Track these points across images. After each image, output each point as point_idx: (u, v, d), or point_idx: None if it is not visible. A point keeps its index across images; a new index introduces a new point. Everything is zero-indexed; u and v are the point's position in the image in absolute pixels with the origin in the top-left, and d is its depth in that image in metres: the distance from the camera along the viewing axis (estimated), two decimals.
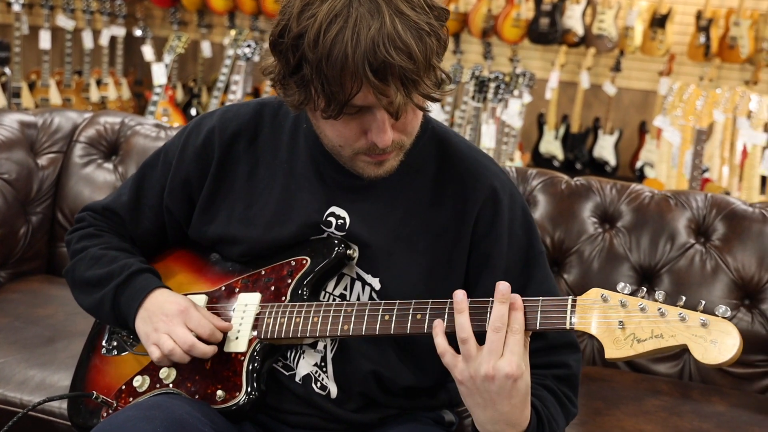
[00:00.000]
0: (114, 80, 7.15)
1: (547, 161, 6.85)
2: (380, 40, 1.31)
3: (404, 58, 1.32)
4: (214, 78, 7.41)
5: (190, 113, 6.60)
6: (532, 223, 1.62)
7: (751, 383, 2.26)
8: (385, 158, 1.48)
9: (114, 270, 1.66)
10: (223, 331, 1.56)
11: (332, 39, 1.32)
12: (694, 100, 4.66)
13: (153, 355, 1.55)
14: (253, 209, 1.63)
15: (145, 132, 2.71)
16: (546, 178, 2.47)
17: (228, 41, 5.99)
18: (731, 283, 2.30)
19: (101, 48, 7.05)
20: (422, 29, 1.34)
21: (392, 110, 1.37)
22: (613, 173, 6.80)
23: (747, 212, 2.36)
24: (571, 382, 1.58)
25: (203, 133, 1.67)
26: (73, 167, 2.67)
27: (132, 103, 7.32)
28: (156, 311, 1.58)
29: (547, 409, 1.47)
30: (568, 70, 7.03)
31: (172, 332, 1.54)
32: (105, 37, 7.02)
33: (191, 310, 1.56)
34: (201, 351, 1.53)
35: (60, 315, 2.27)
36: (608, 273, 2.34)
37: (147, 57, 6.66)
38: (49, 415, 1.92)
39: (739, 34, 6.54)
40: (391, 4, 1.34)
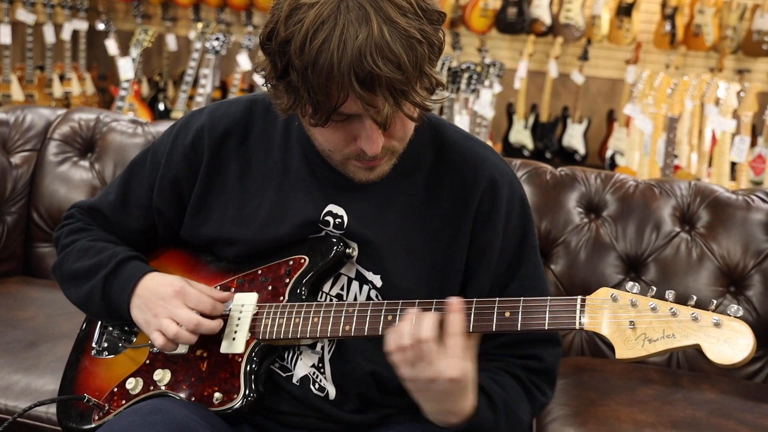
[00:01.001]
0: (77, 75, 7.04)
1: (517, 151, 6.87)
2: (367, 50, 1.27)
3: (392, 69, 1.28)
4: (180, 72, 7.33)
5: (157, 108, 6.51)
6: (529, 215, 1.60)
7: (739, 369, 2.27)
8: (376, 164, 1.46)
9: (102, 260, 1.62)
10: (222, 301, 1.54)
11: (318, 47, 1.29)
12: (665, 88, 4.69)
13: (157, 342, 1.51)
14: (246, 209, 1.59)
15: (122, 128, 2.65)
16: (530, 168, 2.46)
17: (194, 35, 5.93)
18: (717, 270, 2.31)
19: (63, 42, 6.93)
20: (413, 37, 1.30)
21: (380, 120, 1.34)
22: (582, 162, 6.84)
23: (731, 200, 2.37)
24: (543, 374, 1.57)
25: (192, 131, 1.62)
26: (48, 165, 2.61)
27: (96, 98, 7.21)
28: (151, 296, 1.55)
29: (506, 393, 1.49)
30: (536, 59, 7.06)
31: (174, 314, 1.50)
32: (67, 31, 6.90)
33: (187, 289, 1.53)
34: (208, 327, 1.50)
35: (41, 317, 2.22)
36: (595, 263, 2.34)
37: (111, 51, 6.55)
38: (36, 420, 1.87)
39: (704, 21, 6.60)
40: (381, 11, 1.29)
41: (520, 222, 1.58)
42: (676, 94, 4.58)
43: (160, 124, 2.69)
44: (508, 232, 1.56)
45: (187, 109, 5.62)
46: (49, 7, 6.93)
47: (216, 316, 1.53)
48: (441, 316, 1.35)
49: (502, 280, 1.56)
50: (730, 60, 6.82)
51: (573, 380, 2.12)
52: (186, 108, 5.61)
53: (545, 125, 6.95)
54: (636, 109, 5.10)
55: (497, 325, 1.35)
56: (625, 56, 6.97)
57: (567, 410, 1.96)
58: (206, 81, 5.03)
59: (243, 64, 5.89)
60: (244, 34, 7.09)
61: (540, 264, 1.61)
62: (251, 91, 6.80)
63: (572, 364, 2.23)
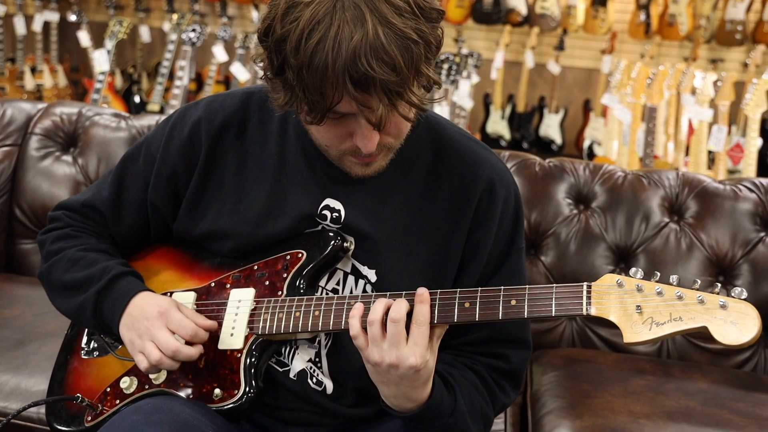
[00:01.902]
0: (49, 67, 6.94)
1: (494, 141, 6.88)
2: (362, 51, 1.26)
3: (387, 71, 1.27)
4: (154, 63, 7.25)
5: (133, 100, 6.44)
6: (521, 217, 1.61)
7: (728, 359, 2.29)
8: (371, 160, 1.45)
9: (94, 274, 1.59)
10: (207, 330, 1.50)
11: (313, 47, 1.27)
12: (643, 78, 4.71)
13: (140, 365, 1.49)
14: (243, 203, 1.58)
15: (105, 122, 2.61)
16: (519, 160, 2.46)
17: (169, 26, 5.86)
18: (706, 260, 2.33)
19: (35, 34, 6.84)
20: (409, 37, 1.29)
21: (374, 120, 1.33)
22: (559, 152, 6.86)
23: (718, 189, 2.39)
24: (508, 374, 1.59)
25: (189, 125, 1.60)
26: (30, 160, 2.57)
27: (69, 90, 7.12)
28: (138, 316, 1.52)
29: (467, 384, 1.51)
30: (513, 49, 7.06)
31: (155, 337, 1.47)
32: (38, 22, 6.80)
33: (171, 312, 1.50)
34: (185, 355, 1.46)
35: (27, 316, 2.18)
36: (585, 254, 2.35)
37: (83, 43, 6.46)
38: (26, 420, 1.85)
39: (678, 11, 6.64)
40: (377, 11, 1.28)
41: (512, 223, 1.58)
42: (655, 83, 4.61)
43: (143, 118, 2.65)
44: (500, 231, 1.56)
45: (164, 102, 5.57)
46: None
47: (197, 343, 1.49)
48: (411, 306, 1.37)
49: (485, 277, 1.56)
50: (704, 49, 6.87)
51: (566, 372, 2.12)
52: (162, 100, 5.55)
53: (522, 115, 6.97)
54: (614, 99, 5.12)
55: (503, 313, 1.36)
56: (600, 46, 7.00)
57: (562, 402, 1.97)
58: (183, 73, 4.98)
59: (219, 56, 5.84)
60: (219, 25, 7.02)
61: (523, 266, 1.61)
62: (227, 83, 6.73)
63: (564, 356, 2.24)
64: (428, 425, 1.48)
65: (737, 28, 6.60)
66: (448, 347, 1.54)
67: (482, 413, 1.54)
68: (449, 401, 1.46)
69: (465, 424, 1.49)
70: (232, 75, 6.03)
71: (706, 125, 4.66)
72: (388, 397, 1.44)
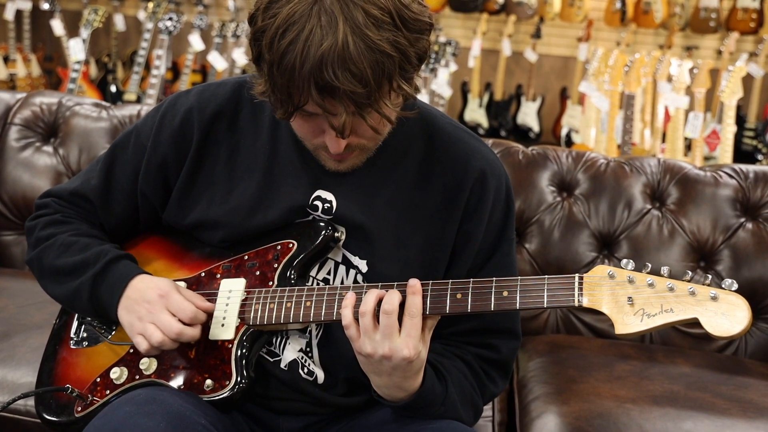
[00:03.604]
0: (22, 56, 6.86)
1: (472, 129, 6.80)
2: (329, 59, 1.26)
3: (353, 82, 1.27)
4: (130, 52, 7.19)
5: (108, 90, 6.37)
6: (512, 208, 1.62)
7: (710, 343, 2.32)
8: (343, 158, 1.46)
9: (89, 258, 1.58)
10: (205, 311, 1.51)
11: (285, 47, 1.28)
12: (620, 66, 4.74)
13: (140, 347, 1.49)
14: (234, 193, 1.57)
15: (85, 112, 2.59)
16: (502, 148, 2.47)
17: (144, 14, 5.81)
18: (687, 246, 2.35)
19: (7, 23, 6.75)
20: (382, 50, 1.27)
21: (337, 126, 1.33)
22: (536, 140, 6.90)
23: (699, 176, 2.41)
24: (497, 364, 1.60)
25: (180, 113, 1.59)
26: (10, 151, 2.54)
27: (43, 80, 7.04)
28: (138, 299, 1.52)
29: (457, 373, 1.52)
30: (490, 38, 7.07)
31: (157, 320, 1.48)
32: (10, 10, 6.71)
33: (172, 294, 1.50)
34: (188, 336, 1.48)
35: (11, 308, 2.16)
36: (569, 241, 2.36)
37: (57, 32, 6.39)
38: (15, 413, 1.83)
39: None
40: (351, 19, 1.26)
41: (503, 214, 1.59)
42: (632, 71, 4.64)
43: (124, 108, 2.63)
44: (491, 222, 1.57)
45: (141, 91, 5.52)
46: None
47: (196, 324, 1.50)
48: (403, 297, 1.37)
49: (476, 268, 1.57)
50: (679, 37, 6.92)
51: (551, 358, 2.14)
52: (139, 90, 5.51)
53: (499, 103, 6.99)
54: (591, 86, 5.15)
55: (495, 304, 1.37)
56: (576, 34, 7.03)
57: (548, 388, 1.98)
58: (160, 62, 4.94)
59: (195, 45, 5.80)
60: (195, 13, 6.97)
61: (513, 256, 1.62)
62: (204, 72, 6.69)
63: (549, 342, 2.25)
64: (419, 414, 1.49)
65: (711, 16, 6.65)
66: (438, 337, 1.55)
67: (472, 402, 1.55)
68: (440, 390, 1.47)
69: (456, 413, 1.51)
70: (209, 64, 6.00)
71: (682, 112, 4.70)
72: (379, 386, 1.45)
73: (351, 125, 1.34)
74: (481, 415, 1.88)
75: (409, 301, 1.37)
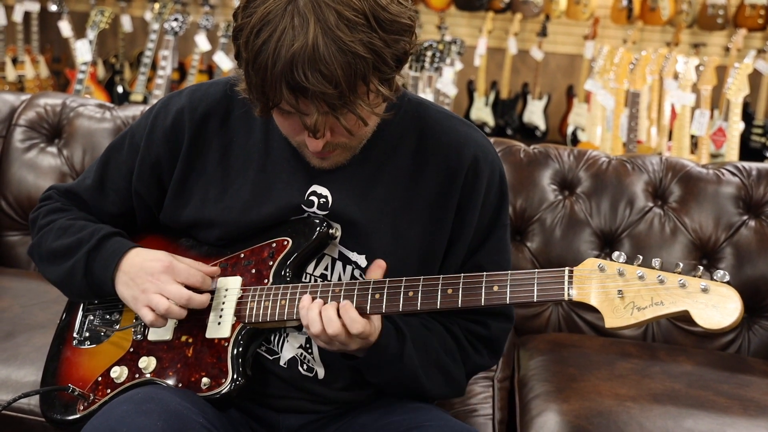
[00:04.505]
0: (31, 58, 6.89)
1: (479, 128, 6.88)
2: (299, 60, 1.27)
3: (323, 83, 1.28)
4: (137, 53, 7.21)
5: (116, 91, 6.39)
6: (506, 194, 1.62)
7: (712, 341, 2.32)
8: (325, 155, 1.47)
9: (83, 237, 1.60)
10: (211, 275, 1.54)
11: (258, 47, 1.30)
12: (626, 64, 4.73)
13: (146, 318, 1.51)
14: (228, 191, 1.58)
15: (89, 113, 2.61)
16: (504, 147, 2.47)
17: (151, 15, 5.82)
18: (690, 244, 2.35)
19: (15, 24, 6.77)
20: (355, 52, 1.28)
21: (309, 125, 1.35)
22: (543, 138, 6.88)
23: (701, 174, 2.41)
24: (484, 339, 1.61)
25: (172, 113, 1.60)
26: (15, 152, 2.56)
27: (51, 81, 7.07)
28: (138, 272, 1.53)
29: (430, 336, 1.55)
30: (496, 36, 7.06)
31: (164, 290, 1.50)
32: (18, 12, 6.73)
33: (176, 264, 1.53)
34: (199, 301, 1.51)
35: (16, 308, 2.18)
36: (570, 239, 2.36)
37: (64, 33, 6.41)
38: (18, 412, 1.84)
39: None
40: (323, 20, 1.27)
41: (496, 199, 1.59)
42: (638, 69, 4.63)
43: (128, 108, 2.64)
44: (485, 207, 1.57)
45: (147, 92, 5.54)
46: None
47: (205, 290, 1.53)
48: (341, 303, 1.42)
49: (470, 253, 1.58)
50: (686, 34, 6.90)
51: (553, 356, 2.14)
52: (145, 90, 5.52)
53: (506, 102, 6.97)
54: (597, 84, 5.14)
55: (486, 299, 1.37)
56: (583, 32, 7.01)
57: (549, 386, 1.98)
58: (166, 63, 4.96)
59: (201, 45, 5.81)
60: (201, 14, 6.98)
61: (506, 242, 1.63)
62: (210, 72, 6.70)
63: (550, 341, 2.26)
64: (376, 374, 1.51)
65: (719, 13, 6.63)
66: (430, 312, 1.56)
67: (441, 365, 1.55)
68: (396, 345, 1.48)
69: (413, 370, 1.51)
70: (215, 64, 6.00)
71: (688, 110, 4.69)
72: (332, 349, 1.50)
73: (325, 125, 1.35)
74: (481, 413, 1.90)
75: (342, 306, 1.41)
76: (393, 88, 1.38)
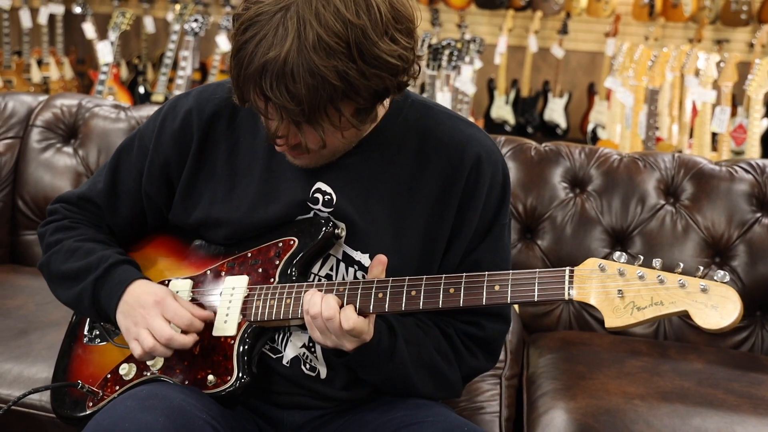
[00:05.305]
0: (55, 60, 6.97)
1: (499, 126, 6.88)
2: (269, 70, 1.29)
3: (286, 98, 1.29)
4: (159, 54, 7.27)
5: (137, 91, 6.46)
6: (508, 193, 1.62)
7: (725, 339, 2.31)
8: (296, 156, 1.48)
9: (91, 263, 1.61)
10: (203, 320, 1.53)
11: (241, 43, 1.32)
12: (645, 60, 4.70)
13: (135, 352, 1.52)
14: (235, 191, 1.60)
15: (104, 114, 2.64)
16: (515, 145, 2.47)
17: (173, 16, 5.88)
18: (702, 241, 2.33)
19: (40, 27, 6.86)
20: (324, 76, 1.28)
21: (271, 130, 1.37)
22: (563, 136, 6.86)
23: (714, 171, 2.39)
24: (480, 341, 1.61)
25: (180, 115, 1.62)
26: (32, 152, 2.59)
27: (75, 82, 7.15)
28: (134, 304, 1.54)
29: (424, 336, 1.54)
30: (516, 34, 7.05)
31: (150, 325, 1.50)
32: (43, 15, 6.82)
33: (167, 300, 1.52)
34: (179, 343, 1.49)
35: (30, 305, 2.21)
36: (581, 237, 2.36)
37: (88, 35, 6.49)
38: (30, 408, 1.87)
39: None
40: (303, 38, 1.28)
41: (498, 199, 1.59)
42: (657, 66, 4.60)
43: (142, 109, 2.67)
44: (486, 207, 1.57)
45: (168, 92, 5.59)
46: None
47: (192, 332, 1.52)
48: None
49: (469, 252, 1.58)
50: (709, 30, 6.84)
51: (562, 354, 2.14)
52: (166, 91, 5.57)
53: (526, 100, 6.96)
54: (616, 81, 5.11)
55: (487, 298, 1.37)
56: (604, 29, 6.98)
57: (556, 384, 1.98)
58: (186, 63, 4.99)
59: (222, 45, 5.85)
60: (223, 14, 7.03)
61: (506, 240, 1.63)
62: None
63: (560, 339, 2.25)
64: (367, 371, 1.52)
65: (742, 8, 6.57)
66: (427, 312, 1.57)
67: (432, 366, 1.55)
68: (386, 343, 1.49)
69: (404, 369, 1.51)
70: None
71: (709, 106, 4.65)
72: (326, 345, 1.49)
73: (288, 132, 1.38)
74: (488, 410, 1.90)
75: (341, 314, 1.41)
76: (369, 119, 1.41)
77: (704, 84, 4.66)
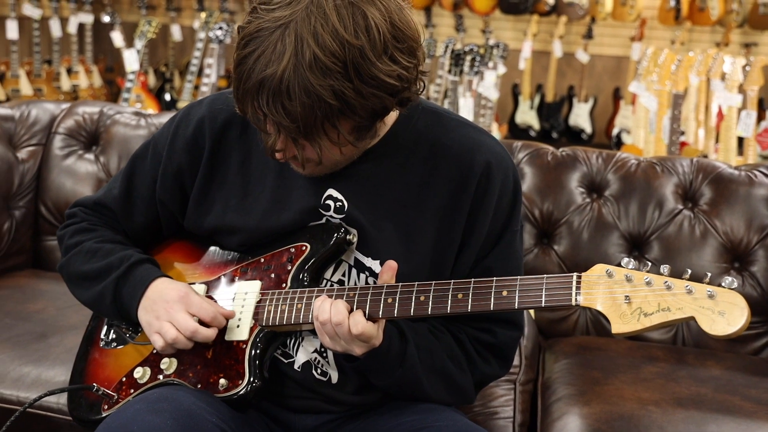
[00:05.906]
0: (84, 68, 7.06)
1: (524, 131, 6.86)
2: (266, 86, 1.30)
3: (282, 115, 1.31)
4: (186, 62, 7.34)
5: (163, 98, 6.53)
6: (519, 200, 1.62)
7: (744, 345, 2.28)
8: (297, 165, 1.49)
9: (113, 262, 1.64)
10: (226, 317, 1.56)
11: (241, 57, 1.34)
12: (669, 65, 4.67)
13: (156, 344, 1.54)
14: (248, 198, 1.61)
15: (125, 121, 2.67)
16: (532, 150, 2.47)
17: (198, 24, 5.93)
18: (720, 246, 2.31)
19: (70, 36, 6.95)
20: (319, 95, 1.29)
21: (268, 144, 1.39)
22: (589, 141, 6.83)
23: (733, 175, 2.37)
24: (492, 348, 1.61)
25: (193, 123, 1.64)
26: (54, 159, 2.63)
27: (104, 90, 7.24)
28: (157, 299, 1.57)
29: (437, 342, 1.55)
30: (541, 39, 7.03)
31: (174, 319, 1.53)
32: (73, 24, 6.92)
33: (191, 295, 1.56)
34: (204, 335, 1.52)
35: (51, 310, 2.24)
36: (598, 242, 2.35)
37: (116, 43, 6.55)
38: (47, 410, 1.90)
39: None
40: (300, 56, 1.29)
41: (509, 206, 1.59)
42: (681, 70, 4.56)
43: (163, 116, 2.71)
44: (497, 213, 1.58)
45: (193, 99, 5.64)
46: (55, 1, 6.95)
47: (215, 326, 1.55)
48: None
49: (480, 258, 1.59)
50: (736, 34, 6.78)
51: (577, 360, 2.13)
52: (192, 98, 5.63)
53: (551, 105, 6.94)
54: (641, 86, 5.08)
55: (495, 304, 1.38)
56: (629, 33, 6.94)
57: (571, 389, 1.98)
58: (211, 70, 5.04)
59: None
60: None
61: (517, 247, 1.63)
62: None
63: (576, 344, 2.24)
64: (377, 377, 1.52)
65: None
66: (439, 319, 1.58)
67: (444, 371, 1.56)
68: (397, 349, 1.49)
69: (414, 374, 1.52)
70: None
71: (735, 111, 4.61)
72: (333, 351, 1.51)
73: (285, 146, 1.40)
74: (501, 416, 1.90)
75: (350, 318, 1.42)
76: (368, 136, 1.43)
77: (730, 88, 4.62)
